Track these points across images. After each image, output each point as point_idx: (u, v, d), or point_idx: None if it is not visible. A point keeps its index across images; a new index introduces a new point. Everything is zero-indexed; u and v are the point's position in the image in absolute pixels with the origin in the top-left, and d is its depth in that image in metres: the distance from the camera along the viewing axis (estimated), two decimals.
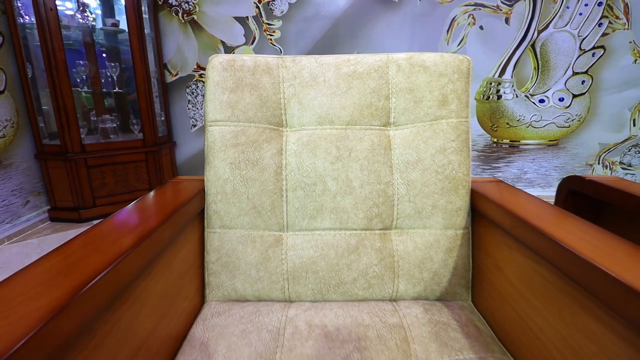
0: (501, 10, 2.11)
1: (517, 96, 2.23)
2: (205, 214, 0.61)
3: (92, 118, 2.14)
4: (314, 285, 0.60)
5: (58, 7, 1.74)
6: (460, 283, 0.61)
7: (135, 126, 2.12)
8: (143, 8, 2.00)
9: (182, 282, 0.56)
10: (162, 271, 0.49)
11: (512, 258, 0.52)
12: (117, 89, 2.10)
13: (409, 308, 0.58)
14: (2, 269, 1.50)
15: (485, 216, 0.58)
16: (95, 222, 1.99)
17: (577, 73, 2.21)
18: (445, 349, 0.49)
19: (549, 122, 2.27)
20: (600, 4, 2.13)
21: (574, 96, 2.24)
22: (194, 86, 2.25)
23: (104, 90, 2.13)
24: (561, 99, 2.24)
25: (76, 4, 1.99)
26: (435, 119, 0.61)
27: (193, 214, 0.58)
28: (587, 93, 2.24)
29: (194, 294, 0.60)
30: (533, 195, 0.57)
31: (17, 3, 1.79)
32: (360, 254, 0.60)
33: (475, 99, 2.25)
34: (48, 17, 1.73)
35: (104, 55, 2.16)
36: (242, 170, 0.60)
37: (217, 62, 0.61)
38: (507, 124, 2.28)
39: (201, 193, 0.61)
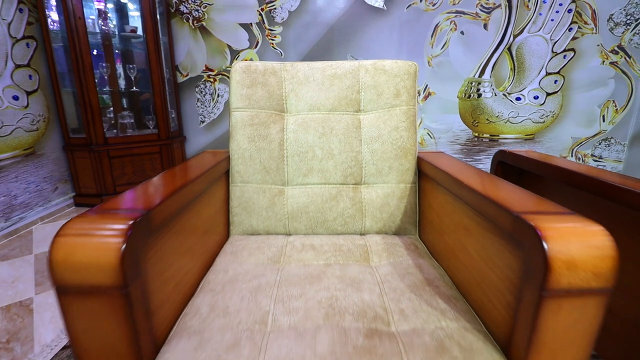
0: (480, 17, 2.39)
1: (495, 94, 2.51)
2: (230, 173, 0.89)
3: (109, 115, 2.42)
4: (307, 222, 0.87)
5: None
6: (409, 221, 0.89)
7: (151, 122, 2.40)
8: (158, 16, 2.29)
9: (214, 219, 0.83)
10: (205, 205, 0.77)
11: (438, 197, 0.79)
12: (134, 89, 2.38)
13: (372, 237, 0.86)
14: (42, 242, 1.78)
15: (425, 174, 0.86)
16: None
17: (550, 73, 2.49)
18: (391, 256, 0.77)
19: (525, 118, 2.55)
20: (570, 10, 2.41)
21: (548, 94, 2.52)
22: (202, 86, 2.53)
23: (121, 89, 2.42)
24: (536, 97, 2.52)
25: (97, 12, 2.28)
26: (392, 107, 0.89)
27: (222, 172, 0.86)
28: (559, 91, 2.51)
29: (222, 229, 0.88)
30: (458, 160, 0.84)
31: (48, 12, 2.07)
32: (338, 201, 0.88)
33: (457, 97, 2.53)
34: (77, 25, 2.02)
35: (121, 57, 2.45)
36: (256, 142, 0.88)
37: (239, 67, 0.89)
38: (487, 120, 2.55)
39: (227, 159, 0.89)
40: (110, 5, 2.35)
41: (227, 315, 0.55)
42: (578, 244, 0.42)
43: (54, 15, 2.13)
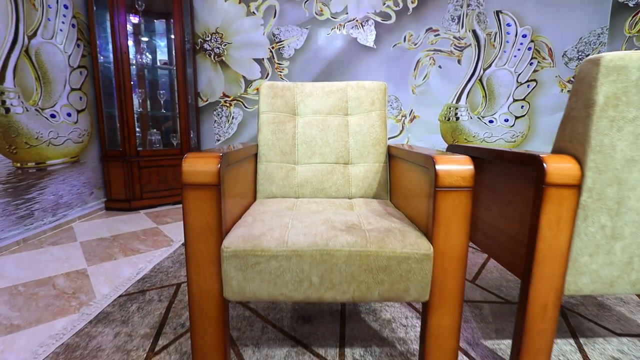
0: (454, 54, 2.94)
1: (471, 118, 3.00)
2: (258, 156, 1.32)
3: (137, 134, 2.88)
4: (311, 189, 1.29)
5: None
6: (383, 189, 1.30)
7: (173, 139, 2.86)
8: (186, 52, 2.83)
9: (246, 187, 1.25)
10: (241, 176, 1.18)
11: (400, 168, 1.21)
12: (162, 111, 2.87)
13: (357, 199, 1.26)
14: (83, 235, 2.16)
15: (393, 155, 1.28)
16: (142, 211, 2.66)
17: (516, 100, 2.99)
18: (368, 206, 1.17)
19: (498, 137, 3.02)
20: (529, 48, 2.97)
21: (516, 117, 3.01)
22: (219, 109, 3.03)
23: (150, 110, 2.91)
24: (506, 120, 3.01)
25: (134, 47, 2.83)
26: (369, 112, 1.34)
27: (252, 153, 1.29)
28: (526, 115, 3.01)
29: (251, 194, 1.29)
30: (414, 145, 1.27)
31: (99, 48, 2.61)
32: (333, 175, 1.29)
33: (438, 120, 3.02)
34: (122, 58, 2.54)
35: (150, 85, 2.97)
36: (276, 134, 1.31)
37: (266, 84, 1.35)
38: (466, 139, 3.02)
39: (256, 146, 1.32)
40: (144, 39, 2.91)
41: (263, 222, 0.96)
42: (453, 164, 0.84)
43: (103, 50, 2.66)
